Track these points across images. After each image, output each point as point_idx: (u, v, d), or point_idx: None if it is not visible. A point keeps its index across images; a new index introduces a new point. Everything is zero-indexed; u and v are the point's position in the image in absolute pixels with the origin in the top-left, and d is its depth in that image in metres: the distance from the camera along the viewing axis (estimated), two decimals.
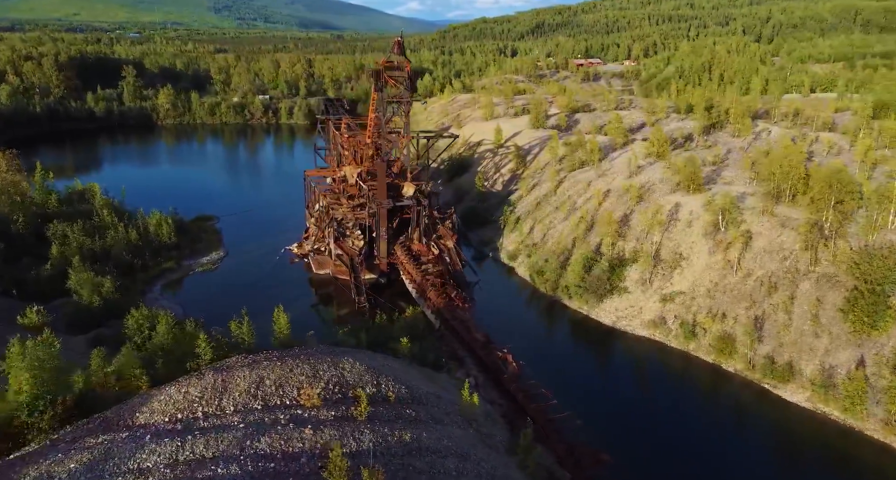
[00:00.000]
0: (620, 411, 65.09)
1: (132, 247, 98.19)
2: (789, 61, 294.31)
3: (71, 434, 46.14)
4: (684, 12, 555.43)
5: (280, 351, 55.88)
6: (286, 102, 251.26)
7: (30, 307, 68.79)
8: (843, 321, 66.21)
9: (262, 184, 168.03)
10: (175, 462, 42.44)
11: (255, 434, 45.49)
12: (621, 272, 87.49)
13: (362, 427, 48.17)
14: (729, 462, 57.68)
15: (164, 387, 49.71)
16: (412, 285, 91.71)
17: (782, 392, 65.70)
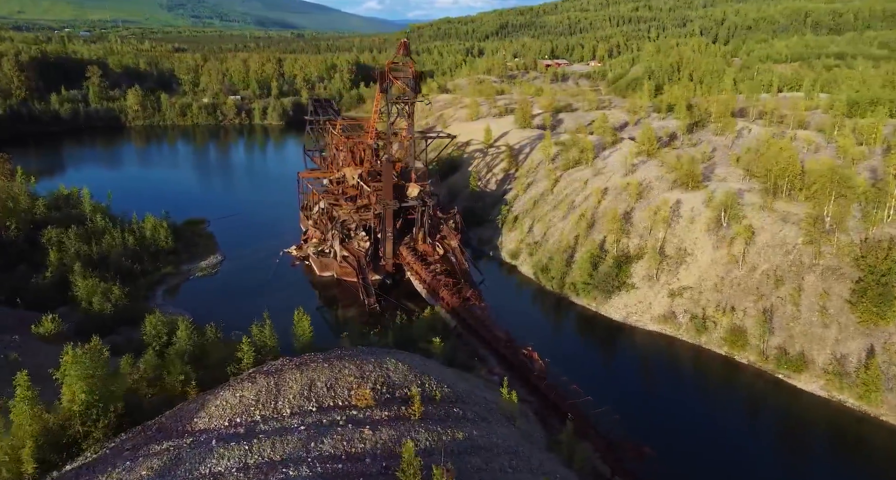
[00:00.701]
0: (644, 404, 66.82)
1: (130, 252, 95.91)
2: (749, 62, 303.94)
3: (130, 441, 45.43)
4: (643, 14, 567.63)
5: (324, 353, 55.65)
6: (259, 103, 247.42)
7: (45, 315, 66.80)
8: (851, 312, 69.48)
9: (248, 186, 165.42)
10: (246, 466, 42.26)
11: (317, 435, 45.50)
12: (627, 269, 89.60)
13: (417, 427, 48.48)
14: (752, 449, 60.01)
15: (217, 392, 49.18)
16: (422, 286, 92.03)
17: (797, 382, 68.54)
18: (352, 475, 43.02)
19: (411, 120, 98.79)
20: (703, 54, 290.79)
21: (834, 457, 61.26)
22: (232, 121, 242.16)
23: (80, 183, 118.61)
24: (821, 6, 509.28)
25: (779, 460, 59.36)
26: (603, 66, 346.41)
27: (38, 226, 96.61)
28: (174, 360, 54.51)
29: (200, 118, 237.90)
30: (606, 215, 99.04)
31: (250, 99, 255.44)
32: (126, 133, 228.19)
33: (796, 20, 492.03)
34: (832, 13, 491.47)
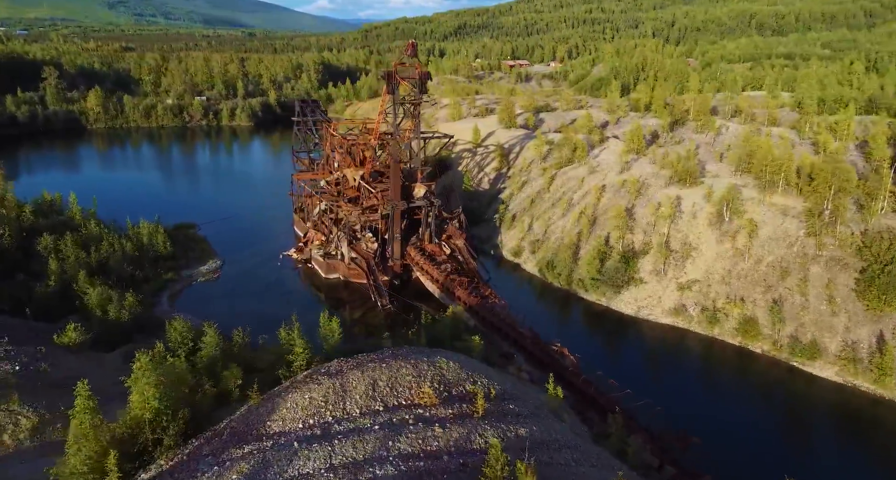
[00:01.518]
0: (671, 394, 68.95)
1: (130, 259, 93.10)
2: (704, 62, 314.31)
3: (205, 447, 44.77)
4: (596, 16, 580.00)
5: (376, 353, 55.58)
6: (227, 104, 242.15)
7: (70, 323, 64.77)
8: (858, 300, 73.42)
9: (230, 189, 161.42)
10: (332, 467, 42.20)
11: (392, 434, 45.64)
12: (635, 264, 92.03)
13: (483, 424, 48.97)
14: (777, 432, 63.09)
15: (285, 394, 48.86)
16: (434, 285, 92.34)
17: (811, 369, 71.98)
18: (434, 472, 43.35)
19: (417, 120, 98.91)
20: (661, 55, 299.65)
21: (853, 438, 64.64)
22: (199, 122, 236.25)
23: (49, 189, 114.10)
24: (764, 8, 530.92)
25: (802, 441, 62.58)
26: (564, 66, 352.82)
27: (29, 233, 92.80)
28: (231, 365, 53.70)
29: (166, 120, 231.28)
30: (608, 211, 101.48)
31: (216, 100, 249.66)
32: (88, 136, 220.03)
33: (742, 22, 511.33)
34: (775, 15, 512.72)
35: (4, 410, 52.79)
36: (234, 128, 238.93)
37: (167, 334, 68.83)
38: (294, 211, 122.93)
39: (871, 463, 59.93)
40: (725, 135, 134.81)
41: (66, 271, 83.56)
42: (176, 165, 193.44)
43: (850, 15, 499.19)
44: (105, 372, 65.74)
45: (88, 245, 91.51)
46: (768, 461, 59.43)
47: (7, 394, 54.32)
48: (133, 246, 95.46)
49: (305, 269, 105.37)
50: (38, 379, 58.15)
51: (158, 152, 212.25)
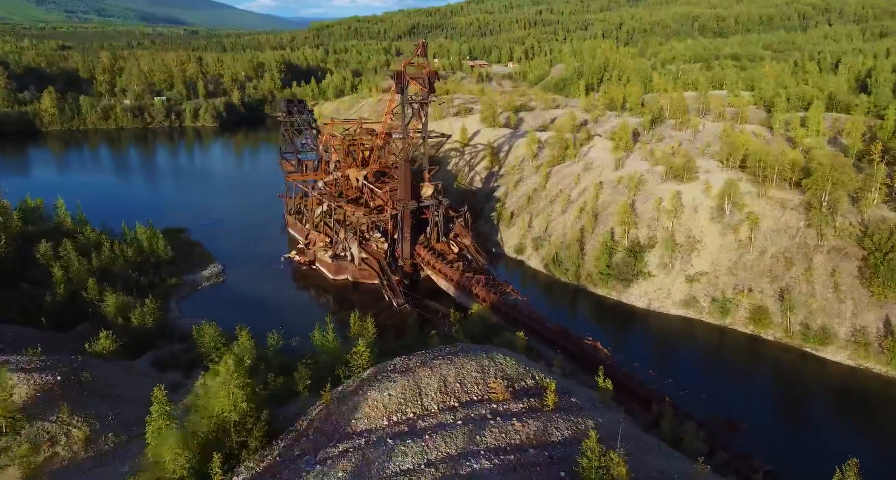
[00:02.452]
0: (698, 382, 71.57)
1: (133, 265, 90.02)
2: (657, 63, 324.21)
3: (295, 448, 45.08)
4: (546, 17, 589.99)
5: (435, 350, 55.79)
6: (190, 104, 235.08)
7: (103, 332, 62.59)
8: (863, 287, 77.94)
9: (211, 191, 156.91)
10: (430, 462, 42.56)
11: (476, 430, 46.18)
12: (642, 258, 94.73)
13: (555, 417, 49.86)
14: (800, 412, 66.72)
15: (364, 392, 48.63)
16: (449, 284, 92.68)
17: (824, 353, 75.92)
18: (525, 466, 44.12)
19: (425, 120, 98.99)
20: (621, 56, 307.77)
21: (869, 415, 68.63)
22: (161, 123, 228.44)
23: (11, 194, 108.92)
24: (707, 11, 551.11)
25: (824, 419, 66.31)
26: (522, 67, 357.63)
27: (22, 240, 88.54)
28: (299, 366, 53.44)
29: (125, 121, 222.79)
30: (609, 207, 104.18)
31: (177, 100, 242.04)
32: (43, 138, 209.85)
33: (686, 24, 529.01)
34: (716, 18, 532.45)
35: (55, 421, 50.83)
36: (198, 129, 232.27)
37: (199, 339, 67.53)
38: (288, 213, 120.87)
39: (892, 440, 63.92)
40: (703, 132, 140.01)
41: (72, 278, 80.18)
42: (146, 168, 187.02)
43: (786, 17, 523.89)
44: (138, 379, 63.97)
45: (88, 251, 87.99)
46: (802, 440, 62.64)
47: (55, 405, 52.21)
48: (134, 252, 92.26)
49: (309, 271, 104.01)
50: (82, 389, 56.00)
51: (124, 155, 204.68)
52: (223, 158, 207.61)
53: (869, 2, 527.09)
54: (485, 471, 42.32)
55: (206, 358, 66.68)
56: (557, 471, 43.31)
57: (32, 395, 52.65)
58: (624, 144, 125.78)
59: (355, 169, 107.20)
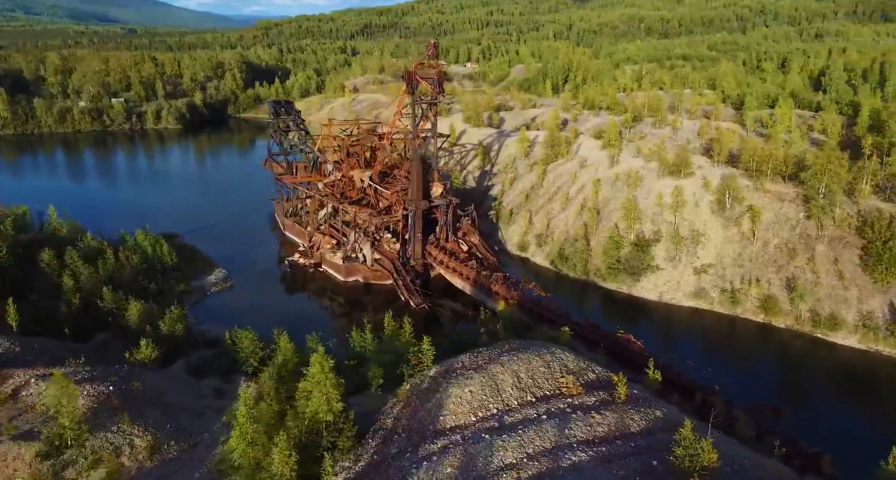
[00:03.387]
0: (724, 369, 74.39)
1: (141, 272, 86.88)
2: (612, 63, 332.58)
3: (392, 446, 45.77)
4: (498, 18, 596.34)
5: (496, 348, 56.33)
6: (151, 106, 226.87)
7: (142, 340, 60.53)
8: (865, 274, 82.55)
9: (189, 195, 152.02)
10: (530, 455, 43.16)
11: (562, 423, 47.10)
12: (649, 252, 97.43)
13: (627, 409, 51.09)
14: (822, 393, 70.63)
15: (445, 389, 48.96)
16: (465, 282, 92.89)
17: (835, 338, 79.94)
18: (617, 456, 45.18)
19: (435, 120, 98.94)
20: (580, 57, 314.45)
21: (884, 392, 72.78)
22: (122, 126, 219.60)
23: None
24: (652, 13, 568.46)
25: (845, 396, 70.20)
26: (481, 67, 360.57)
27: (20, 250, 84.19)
28: (372, 366, 53.17)
29: (83, 124, 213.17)
30: (609, 203, 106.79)
31: (137, 102, 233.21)
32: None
33: (633, 26, 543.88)
34: (661, 19, 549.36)
35: (117, 431, 49.15)
36: (161, 131, 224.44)
37: (237, 345, 66.25)
38: (284, 215, 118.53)
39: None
40: (682, 130, 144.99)
41: (82, 287, 76.84)
42: (116, 172, 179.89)
43: (726, 19, 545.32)
44: (180, 386, 62.22)
45: (92, 259, 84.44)
46: (831, 421, 65.97)
47: (114, 415, 50.36)
48: (139, 259, 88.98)
49: (315, 273, 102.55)
50: (135, 398, 54.07)
51: (88, 159, 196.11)
52: (194, 161, 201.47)
53: (801, 4, 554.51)
54: (584, 463, 43.11)
55: (244, 364, 65.55)
56: (649, 460, 44.44)
57: (90, 406, 50.67)
58: (613, 142, 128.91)
59: (359, 170, 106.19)
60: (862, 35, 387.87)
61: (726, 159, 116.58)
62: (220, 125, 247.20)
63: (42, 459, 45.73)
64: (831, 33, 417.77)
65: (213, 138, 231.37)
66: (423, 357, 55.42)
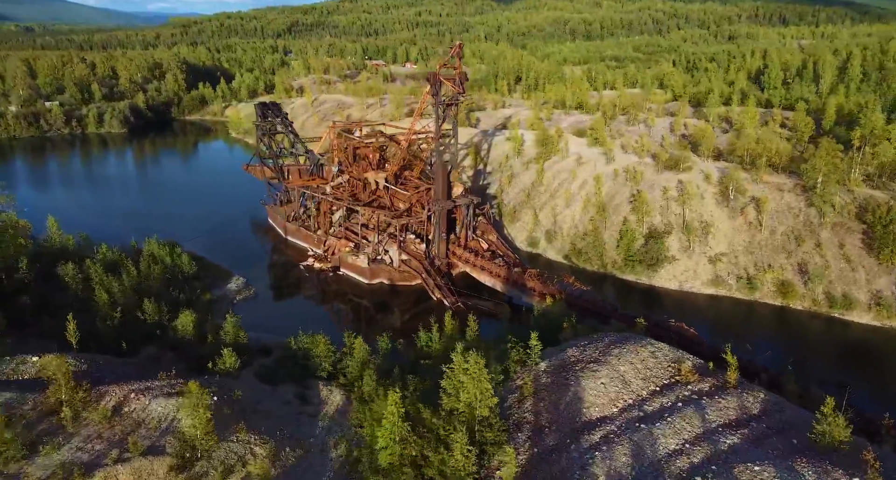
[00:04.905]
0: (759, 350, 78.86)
1: (164, 282, 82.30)
2: (550, 63, 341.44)
3: (549, 439, 46.73)
4: (426, 18, 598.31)
5: (599, 340, 57.54)
6: (92, 109, 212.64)
7: (225, 350, 58.01)
8: (870, 256, 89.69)
9: (168, 203, 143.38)
10: (689, 440, 44.63)
11: (698, 409, 48.60)
12: (663, 243, 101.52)
13: (740, 393, 53.04)
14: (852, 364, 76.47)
15: (578, 382, 50.48)
16: (495, 280, 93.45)
17: (851, 317, 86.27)
18: (760, 437, 47.14)
19: (455, 120, 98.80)
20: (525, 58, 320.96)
21: None
22: (60, 131, 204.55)
23: None
24: (575, 16, 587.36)
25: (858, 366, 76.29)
26: (421, 68, 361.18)
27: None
28: (494, 365, 53.51)
29: (17, 129, 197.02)
30: (614, 198, 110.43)
31: (74, 105, 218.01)
32: None
33: (558, 28, 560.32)
34: (584, 22, 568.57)
35: (236, 441, 47.28)
36: (104, 136, 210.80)
37: (312, 349, 64.92)
38: (286, 220, 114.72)
39: None
40: (656, 127, 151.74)
41: (116, 300, 72.10)
42: (77, 180, 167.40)
43: (643, 22, 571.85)
44: (261, 393, 60.21)
45: (114, 271, 79.24)
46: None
47: (228, 425, 48.25)
48: (160, 269, 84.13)
49: (334, 277, 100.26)
50: (239, 407, 51.78)
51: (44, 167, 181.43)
52: (155, 166, 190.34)
53: (709, 9, 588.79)
54: (739, 446, 44.79)
55: (318, 369, 64.12)
56: (788, 439, 46.74)
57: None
58: (601, 140, 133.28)
59: (373, 172, 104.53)
60: (769, 37, 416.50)
61: (714, 154, 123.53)
62: (164, 128, 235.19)
63: (176, 473, 43.58)
64: (742, 35, 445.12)
65: (168, 142, 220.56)
66: (531, 353, 55.85)
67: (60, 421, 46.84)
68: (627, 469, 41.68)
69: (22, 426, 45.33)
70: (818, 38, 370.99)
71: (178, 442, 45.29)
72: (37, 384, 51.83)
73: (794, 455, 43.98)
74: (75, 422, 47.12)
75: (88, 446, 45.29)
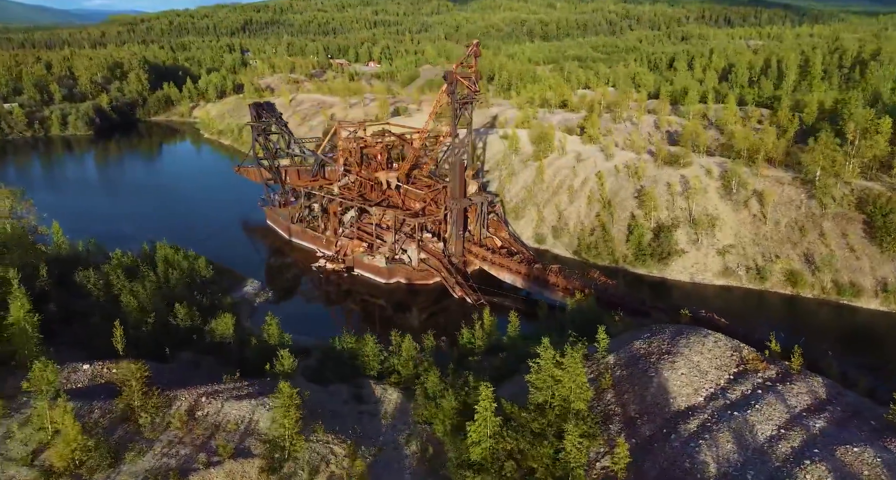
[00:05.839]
0: None
1: (186, 286, 79.45)
2: (517, 63, 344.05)
3: (645, 429, 47.21)
4: (384, 17, 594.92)
5: (661, 333, 58.21)
6: (55, 111, 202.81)
7: (281, 351, 56.72)
8: (872, 245, 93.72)
9: (156, 207, 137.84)
10: (784, 425, 45.90)
11: (777, 396, 49.82)
12: (671, 237, 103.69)
13: (803, 377, 54.55)
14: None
15: (660, 373, 51.30)
16: (515, 276, 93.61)
17: (859, 304, 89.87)
18: (841, 420, 48.50)
19: (470, 119, 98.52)
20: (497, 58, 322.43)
21: None
22: (23, 133, 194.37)
23: None
24: (531, 16, 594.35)
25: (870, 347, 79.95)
26: (387, 67, 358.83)
27: None
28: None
29: None
30: (618, 193, 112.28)
31: (34, 106, 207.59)
32: None
33: (516, 28, 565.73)
34: (540, 22, 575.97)
35: (316, 441, 46.69)
36: (69, 138, 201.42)
37: (361, 349, 64.21)
38: (291, 221, 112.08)
39: None
40: (641, 125, 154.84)
41: (146, 307, 69.24)
42: (62, 185, 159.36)
43: (597, 23, 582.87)
44: (317, 393, 58.99)
45: (134, 276, 76.05)
46: None
47: (306, 424, 47.32)
48: (179, 273, 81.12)
49: (348, 277, 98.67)
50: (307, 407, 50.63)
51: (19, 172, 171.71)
52: (132, 169, 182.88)
53: (658, 10, 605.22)
54: (828, 429, 46.02)
55: (366, 368, 63.32)
56: (867, 420, 48.37)
57: None
58: (595, 137, 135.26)
59: (384, 171, 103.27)
60: (719, 38, 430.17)
61: (706, 149, 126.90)
62: (130, 130, 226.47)
63: (267, 474, 42.61)
64: (695, 36, 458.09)
65: (138, 144, 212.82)
66: (599, 346, 56.17)
67: (138, 427, 45.26)
68: (734, 456, 42.38)
69: (101, 434, 43.40)
70: (765, 39, 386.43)
71: (261, 444, 44.30)
72: (94, 392, 49.57)
73: (880, 435, 45.60)
74: (152, 428, 45.28)
75: (172, 451, 43.92)
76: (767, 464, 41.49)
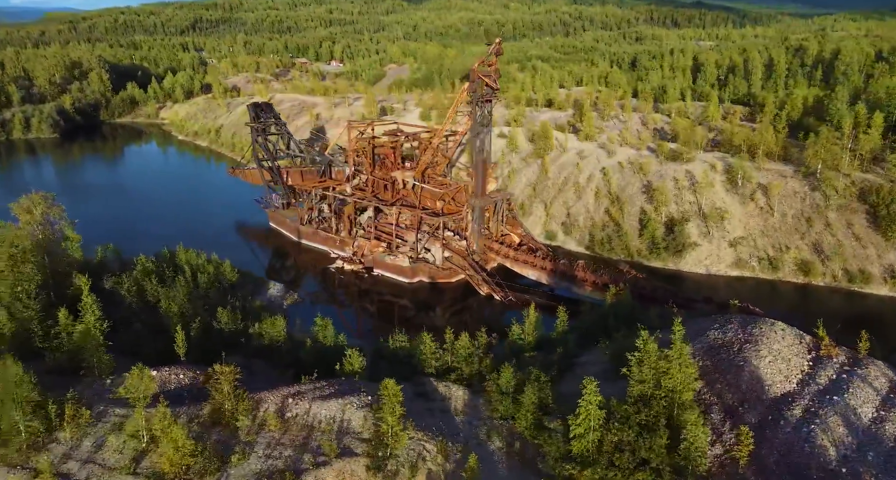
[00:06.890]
0: None
1: (215, 290, 76.44)
2: None
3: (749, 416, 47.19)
4: (338, 16, 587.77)
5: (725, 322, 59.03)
6: (16, 112, 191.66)
7: (350, 350, 55.65)
8: (877, 234, 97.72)
9: (149, 211, 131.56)
10: (877, 407, 46.53)
11: (860, 380, 50.80)
12: (683, 230, 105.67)
13: (873, 362, 55.76)
14: None
15: (749, 362, 51.87)
16: (539, 272, 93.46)
17: (870, 290, 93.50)
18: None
19: (490, 117, 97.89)
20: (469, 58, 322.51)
21: None
22: None
23: None
24: (488, 17, 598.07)
25: None
26: (350, 66, 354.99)
27: None
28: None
29: None
30: (626, 189, 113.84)
31: None
32: None
33: (474, 28, 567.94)
34: (497, 23, 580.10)
35: (409, 439, 45.99)
36: (32, 141, 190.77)
37: (418, 347, 63.35)
38: (301, 223, 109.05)
39: None
40: (629, 122, 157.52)
41: (184, 312, 66.25)
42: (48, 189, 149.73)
43: (552, 24, 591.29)
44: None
45: (164, 282, 72.58)
46: None
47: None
48: (207, 278, 77.88)
49: (368, 277, 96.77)
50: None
51: None
52: (111, 172, 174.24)
53: (609, 12, 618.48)
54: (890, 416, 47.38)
55: (426, 366, 62.25)
56: None
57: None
58: (591, 135, 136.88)
59: (400, 171, 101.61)
60: (671, 38, 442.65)
61: (702, 146, 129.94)
62: (93, 132, 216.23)
63: (374, 473, 41.69)
64: (649, 37, 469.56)
65: (106, 147, 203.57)
66: (674, 337, 56.30)
67: (233, 430, 43.80)
68: (849, 439, 43.14)
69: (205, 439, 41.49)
70: (714, 39, 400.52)
71: (359, 442, 43.83)
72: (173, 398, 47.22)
73: None
74: (247, 430, 43.48)
75: (275, 453, 42.69)
76: (883, 445, 42.41)
